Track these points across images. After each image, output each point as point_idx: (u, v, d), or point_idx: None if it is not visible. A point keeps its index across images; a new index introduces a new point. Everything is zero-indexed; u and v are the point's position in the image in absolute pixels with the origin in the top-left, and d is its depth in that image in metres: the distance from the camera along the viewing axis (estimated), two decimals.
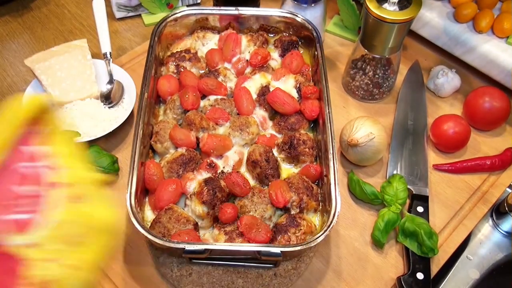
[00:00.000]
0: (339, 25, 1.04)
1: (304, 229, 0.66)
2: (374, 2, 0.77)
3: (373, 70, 0.87)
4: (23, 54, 0.98)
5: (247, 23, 0.91)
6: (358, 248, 0.73)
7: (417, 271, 0.68)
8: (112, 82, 0.88)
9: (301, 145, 0.75)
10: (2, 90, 0.92)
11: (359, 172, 0.81)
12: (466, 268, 0.75)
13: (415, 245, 0.70)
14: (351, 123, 0.78)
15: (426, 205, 0.76)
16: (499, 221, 0.79)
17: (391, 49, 0.82)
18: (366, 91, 0.90)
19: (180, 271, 0.68)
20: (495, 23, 0.88)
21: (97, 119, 0.83)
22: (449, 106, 0.92)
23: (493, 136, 0.88)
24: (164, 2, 1.03)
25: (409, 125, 0.86)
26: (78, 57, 0.87)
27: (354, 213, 0.77)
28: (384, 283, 0.70)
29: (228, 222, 0.68)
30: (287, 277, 0.68)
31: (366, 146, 0.75)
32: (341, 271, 0.70)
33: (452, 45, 0.91)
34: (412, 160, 0.82)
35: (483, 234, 0.79)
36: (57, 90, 0.84)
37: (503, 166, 0.82)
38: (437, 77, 0.91)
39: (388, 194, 0.74)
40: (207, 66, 0.87)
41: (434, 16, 0.92)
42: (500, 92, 0.85)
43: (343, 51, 1.00)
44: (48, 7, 1.08)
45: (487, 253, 0.77)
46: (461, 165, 0.82)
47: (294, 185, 0.70)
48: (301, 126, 0.79)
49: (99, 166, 0.76)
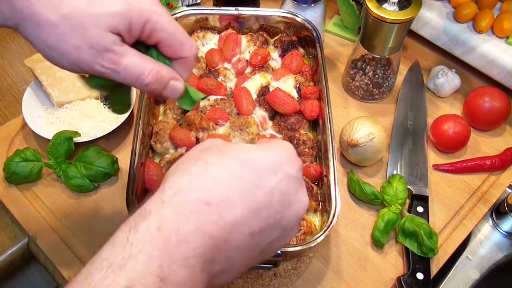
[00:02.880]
0: (339, 25, 1.04)
1: (304, 229, 0.66)
2: (374, 2, 0.77)
3: (373, 70, 0.87)
4: (23, 54, 0.98)
5: (247, 23, 0.91)
6: (358, 248, 0.73)
7: (417, 271, 0.68)
8: None
9: (301, 145, 0.75)
10: (2, 90, 0.92)
11: (359, 172, 0.81)
12: (466, 268, 0.75)
13: (415, 245, 0.70)
14: (351, 123, 0.78)
15: (426, 205, 0.76)
16: (499, 221, 0.79)
17: (391, 49, 0.82)
18: (366, 91, 0.90)
19: None
20: (495, 23, 0.88)
21: (97, 119, 0.83)
22: (449, 106, 0.92)
23: (493, 136, 0.88)
24: (164, 2, 1.03)
25: (409, 125, 0.86)
26: None
27: (354, 213, 0.77)
28: (384, 283, 0.70)
29: None
30: (287, 277, 0.68)
31: (366, 146, 0.75)
32: (341, 271, 0.70)
33: (452, 45, 0.91)
34: (412, 160, 0.82)
35: (483, 234, 0.79)
36: (57, 90, 0.84)
37: (503, 166, 0.82)
38: (437, 77, 0.91)
39: (388, 194, 0.74)
40: (207, 66, 0.87)
41: (434, 16, 0.92)
42: (500, 92, 0.85)
43: (343, 51, 1.00)
44: None
45: (487, 253, 0.77)
46: (461, 165, 0.82)
47: None
48: (301, 126, 0.79)
49: (99, 166, 0.76)
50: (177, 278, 0.30)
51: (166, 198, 0.33)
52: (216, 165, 0.35)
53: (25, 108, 0.82)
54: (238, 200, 0.33)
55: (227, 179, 0.34)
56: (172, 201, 0.32)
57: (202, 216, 0.32)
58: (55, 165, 0.76)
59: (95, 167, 0.76)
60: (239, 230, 0.33)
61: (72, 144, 0.76)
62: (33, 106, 0.84)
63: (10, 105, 0.90)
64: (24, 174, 0.75)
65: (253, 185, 0.34)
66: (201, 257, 0.31)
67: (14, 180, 0.76)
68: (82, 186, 0.76)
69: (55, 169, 0.77)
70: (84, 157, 0.77)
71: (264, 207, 0.34)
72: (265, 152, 0.36)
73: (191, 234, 0.31)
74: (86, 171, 0.76)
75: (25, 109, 0.82)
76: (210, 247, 0.32)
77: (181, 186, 0.33)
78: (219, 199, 0.33)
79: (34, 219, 0.73)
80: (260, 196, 0.34)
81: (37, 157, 0.77)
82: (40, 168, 0.76)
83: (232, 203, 0.33)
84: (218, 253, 0.33)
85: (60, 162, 0.76)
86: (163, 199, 0.33)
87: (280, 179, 0.35)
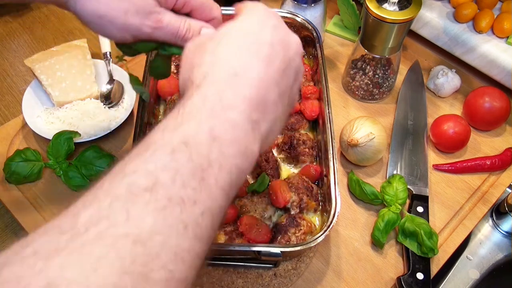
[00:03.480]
0: (339, 25, 1.04)
1: (304, 229, 0.66)
2: (374, 2, 0.77)
3: (373, 70, 0.87)
4: (23, 54, 0.98)
5: None
6: (358, 248, 0.73)
7: (417, 271, 0.68)
8: (112, 82, 0.88)
9: (301, 145, 0.75)
10: (2, 90, 0.93)
11: (359, 172, 0.81)
12: (466, 268, 0.75)
13: (415, 245, 0.70)
14: (351, 123, 0.78)
15: (426, 205, 0.76)
16: (499, 221, 0.79)
17: (391, 49, 0.82)
18: (366, 91, 0.90)
19: None
20: (495, 23, 0.88)
21: (97, 119, 0.83)
22: (449, 106, 0.92)
23: (493, 136, 0.88)
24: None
25: (409, 125, 0.86)
26: (78, 57, 0.87)
27: (354, 213, 0.77)
28: (384, 283, 0.70)
29: (228, 222, 0.68)
30: (287, 277, 0.68)
31: (366, 146, 0.75)
32: (341, 271, 0.70)
33: (452, 45, 0.91)
34: (412, 160, 0.82)
35: (483, 234, 0.79)
36: (57, 90, 0.84)
37: (503, 166, 0.82)
38: (437, 77, 0.91)
39: (388, 194, 0.74)
40: None
41: (434, 16, 0.92)
42: (500, 92, 0.85)
43: (343, 51, 1.00)
44: (48, 7, 1.08)
45: (487, 253, 0.77)
46: (461, 165, 0.82)
47: (294, 185, 0.70)
48: (301, 126, 0.79)
49: (99, 166, 0.76)
50: (229, 137, 0.34)
51: (200, 81, 0.37)
52: (223, 46, 0.40)
53: (25, 108, 0.82)
54: (254, 61, 0.38)
55: (237, 51, 0.39)
56: (206, 82, 0.37)
57: (235, 84, 0.36)
58: (55, 165, 0.76)
59: (95, 167, 0.76)
60: (268, 85, 0.38)
61: (72, 144, 0.76)
62: (33, 106, 0.84)
63: (10, 105, 0.90)
64: (24, 174, 0.75)
65: (257, 45, 0.39)
66: (248, 118, 0.36)
67: (14, 180, 0.76)
68: (82, 186, 0.76)
69: (55, 169, 0.77)
70: (84, 157, 0.77)
71: (274, 58, 0.40)
72: (248, 21, 0.42)
73: (232, 100, 0.35)
74: (86, 171, 0.76)
75: (25, 109, 0.82)
76: (254, 106, 0.36)
77: (207, 70, 0.38)
78: (242, 68, 0.38)
79: (34, 219, 0.73)
80: (266, 51, 0.39)
81: (37, 157, 0.77)
82: (40, 168, 0.76)
83: (252, 66, 0.38)
84: (261, 111, 0.37)
85: (60, 162, 0.76)
86: (197, 84, 0.37)
87: (271, 33, 0.41)
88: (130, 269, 0.25)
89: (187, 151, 0.31)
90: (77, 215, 0.28)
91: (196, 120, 0.33)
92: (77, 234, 0.26)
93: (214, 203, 0.32)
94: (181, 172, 0.30)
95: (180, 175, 0.30)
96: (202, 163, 0.31)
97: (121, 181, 0.29)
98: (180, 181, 0.30)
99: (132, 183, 0.29)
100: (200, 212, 0.30)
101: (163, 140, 0.32)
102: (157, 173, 0.30)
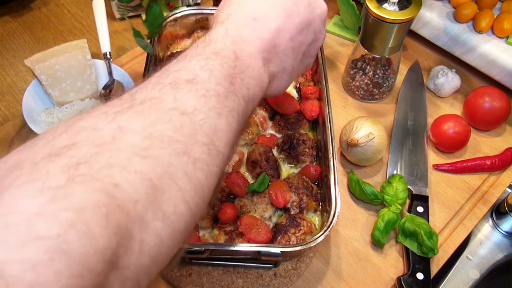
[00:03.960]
0: (339, 25, 1.04)
1: (304, 229, 0.66)
2: (374, 2, 0.77)
3: (373, 70, 0.87)
4: (23, 54, 0.98)
5: None
6: (358, 248, 0.73)
7: (417, 271, 0.68)
8: (112, 82, 0.88)
9: (301, 145, 0.75)
10: (2, 90, 0.92)
11: (359, 172, 0.81)
12: (466, 268, 0.75)
13: (415, 245, 0.70)
14: (351, 123, 0.78)
15: (426, 205, 0.76)
16: (499, 221, 0.79)
17: (391, 49, 0.82)
18: (366, 91, 0.90)
19: (180, 271, 0.68)
20: (495, 23, 0.88)
21: None
22: (449, 106, 0.92)
23: (493, 136, 0.88)
24: (164, 2, 1.03)
25: (409, 125, 0.86)
26: (78, 57, 0.87)
27: (354, 213, 0.77)
28: (384, 283, 0.70)
29: (228, 222, 0.68)
30: (287, 277, 0.68)
31: (366, 146, 0.75)
32: (341, 271, 0.70)
33: (452, 45, 0.91)
34: (412, 160, 0.82)
35: (483, 234, 0.79)
36: (57, 90, 0.84)
37: (503, 166, 0.82)
38: (437, 77, 0.91)
39: (388, 194, 0.74)
40: None
41: (434, 16, 0.92)
42: (500, 92, 0.85)
43: (343, 51, 1.00)
44: (48, 7, 1.08)
45: (487, 253, 0.77)
46: (461, 165, 0.82)
47: (294, 185, 0.70)
48: (301, 126, 0.79)
49: None
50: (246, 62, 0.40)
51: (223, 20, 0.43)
52: None
53: (25, 108, 0.82)
54: (274, 12, 0.44)
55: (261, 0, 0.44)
56: (228, 21, 0.43)
57: (254, 26, 0.42)
58: None
59: None
60: (282, 36, 0.44)
61: None
62: (33, 106, 0.84)
63: (10, 105, 0.90)
64: None
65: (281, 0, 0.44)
66: (260, 54, 0.42)
67: None
68: None
69: None
70: None
71: (295, 15, 0.44)
72: None
73: (249, 37, 0.42)
74: None
75: (25, 109, 0.82)
76: (266, 48, 0.42)
77: (231, 12, 0.44)
78: (261, 14, 0.43)
79: None
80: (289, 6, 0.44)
81: None
82: None
83: (271, 15, 0.43)
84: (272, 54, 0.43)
85: None
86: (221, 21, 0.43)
87: None
88: (180, 131, 0.32)
89: (218, 60, 0.38)
90: (133, 95, 0.34)
91: (221, 42, 0.40)
92: (135, 104, 0.33)
93: (239, 107, 0.38)
94: (215, 74, 0.37)
95: (215, 76, 0.37)
96: (230, 72, 0.38)
97: (167, 77, 0.36)
98: (215, 80, 0.36)
99: (176, 78, 0.36)
100: (229, 109, 0.37)
101: (197, 52, 0.39)
102: (196, 71, 0.36)
